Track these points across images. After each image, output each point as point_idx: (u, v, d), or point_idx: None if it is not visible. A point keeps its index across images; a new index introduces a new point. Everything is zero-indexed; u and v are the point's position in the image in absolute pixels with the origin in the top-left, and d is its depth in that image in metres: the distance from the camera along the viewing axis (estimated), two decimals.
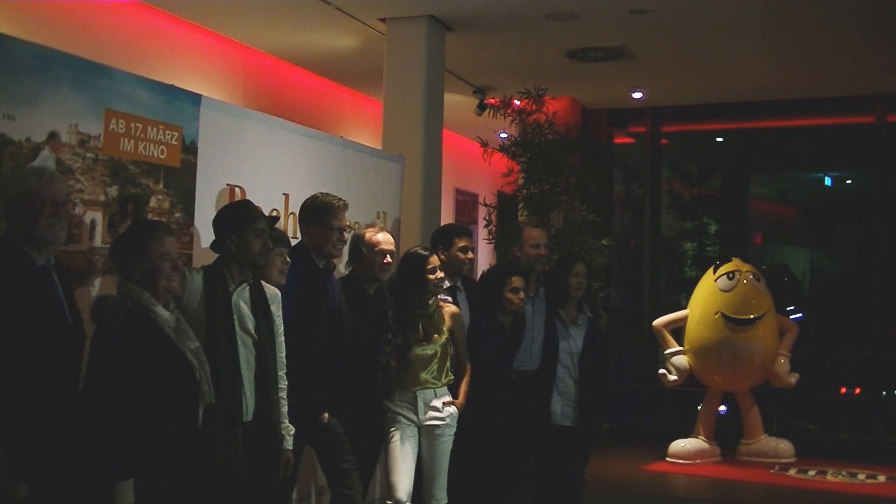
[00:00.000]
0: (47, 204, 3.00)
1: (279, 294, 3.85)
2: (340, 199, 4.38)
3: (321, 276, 4.31)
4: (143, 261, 3.20)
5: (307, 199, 4.39)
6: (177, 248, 3.35)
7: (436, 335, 4.53)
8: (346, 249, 4.56)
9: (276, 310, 3.79)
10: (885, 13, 6.73)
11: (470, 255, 5.09)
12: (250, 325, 3.62)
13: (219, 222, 3.75)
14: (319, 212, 4.29)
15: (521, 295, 4.94)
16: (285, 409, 3.79)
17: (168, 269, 3.23)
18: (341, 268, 4.74)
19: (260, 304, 3.69)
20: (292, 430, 3.81)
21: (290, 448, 3.79)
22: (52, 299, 2.99)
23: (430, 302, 4.57)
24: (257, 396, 3.61)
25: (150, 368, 3.09)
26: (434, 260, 4.57)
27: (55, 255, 3.14)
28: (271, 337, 3.72)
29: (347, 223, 4.41)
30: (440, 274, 4.58)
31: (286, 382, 3.81)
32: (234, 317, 3.59)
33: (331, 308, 4.33)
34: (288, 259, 4.04)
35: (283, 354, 3.82)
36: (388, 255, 4.47)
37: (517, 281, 4.94)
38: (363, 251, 4.44)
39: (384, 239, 4.49)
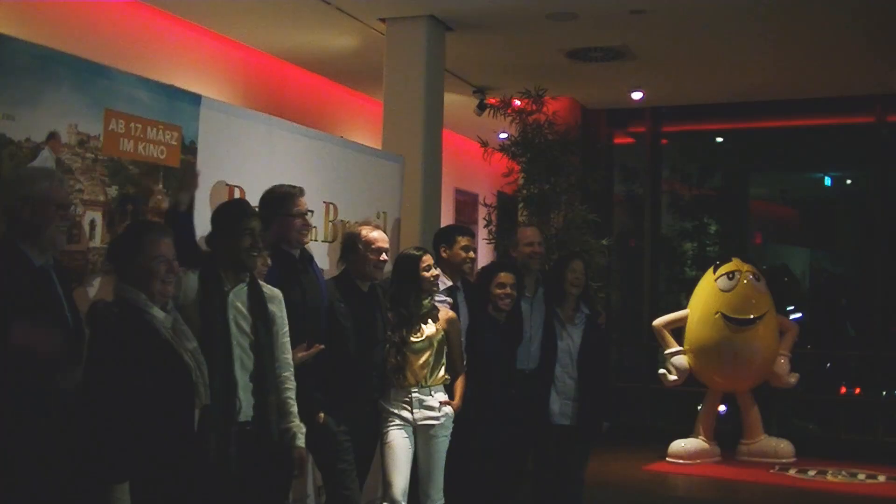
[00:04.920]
0: (56, 208, 3.00)
1: (279, 294, 3.84)
2: (294, 185, 4.36)
3: (297, 265, 4.29)
4: (137, 262, 3.18)
5: (264, 193, 4.34)
6: (174, 250, 3.33)
7: (429, 329, 4.53)
8: (337, 245, 4.55)
9: (278, 310, 3.78)
10: (885, 13, 6.73)
11: (472, 254, 5.11)
12: (246, 325, 3.61)
13: (213, 220, 3.77)
14: (278, 202, 4.27)
15: (508, 290, 4.94)
16: (294, 409, 3.77)
17: (163, 271, 3.20)
18: (334, 267, 4.75)
19: (257, 304, 3.67)
20: (303, 428, 3.77)
21: (303, 446, 3.76)
22: (51, 299, 2.99)
23: (426, 302, 4.58)
24: (255, 398, 3.60)
25: (145, 370, 3.07)
26: (428, 258, 4.58)
27: (53, 255, 3.13)
28: (269, 338, 3.70)
29: (307, 207, 4.40)
30: (435, 272, 4.60)
31: (294, 383, 3.79)
32: (230, 317, 3.58)
33: (319, 300, 4.32)
34: (269, 261, 4.03)
35: (288, 355, 3.80)
36: (384, 253, 4.47)
37: (504, 277, 4.97)
38: (359, 248, 4.44)
39: (380, 236, 4.50)
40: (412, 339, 4.49)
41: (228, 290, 3.62)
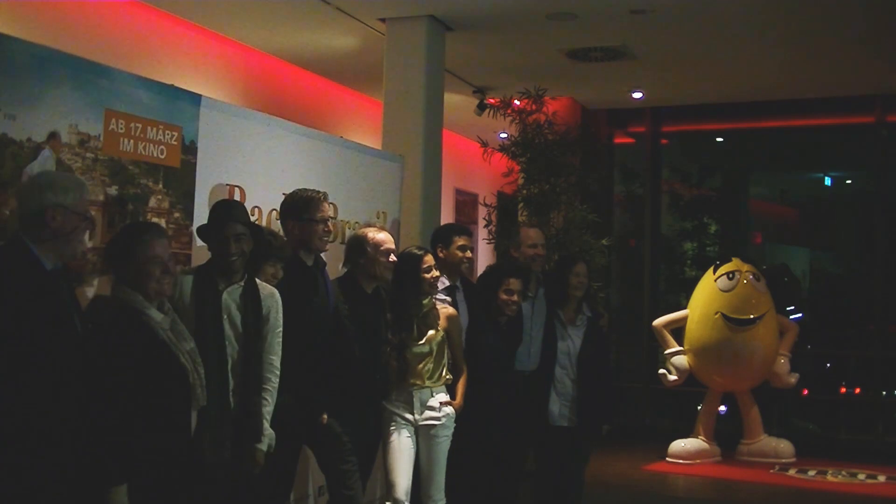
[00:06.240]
0: (83, 219, 3.01)
1: (276, 293, 3.83)
2: (318, 190, 4.34)
3: (310, 273, 4.30)
4: (133, 263, 3.19)
5: (286, 197, 4.35)
6: (169, 250, 3.32)
7: (429, 333, 4.52)
8: (336, 246, 4.54)
9: (273, 310, 3.77)
10: (885, 13, 6.74)
11: (468, 253, 5.07)
12: (239, 325, 3.62)
13: (208, 219, 3.77)
14: (302, 207, 4.26)
15: (515, 297, 4.91)
16: (266, 409, 3.71)
17: (157, 272, 3.20)
18: (338, 268, 4.74)
19: (251, 304, 3.67)
20: (272, 433, 3.71)
21: (262, 448, 3.67)
22: (61, 302, 2.98)
23: (426, 302, 4.57)
24: (242, 397, 3.60)
25: (143, 372, 3.08)
26: (429, 259, 4.56)
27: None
28: (259, 337, 3.69)
29: (330, 213, 4.39)
30: (436, 273, 4.58)
31: (274, 385, 3.75)
32: (224, 317, 3.58)
33: (327, 306, 4.33)
34: (280, 272, 4.03)
35: (275, 357, 3.76)
36: (391, 255, 4.47)
37: (514, 283, 4.91)
38: (367, 250, 4.42)
39: (387, 238, 4.49)
40: (413, 343, 4.48)
41: (222, 289, 3.62)
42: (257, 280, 3.80)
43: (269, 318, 3.75)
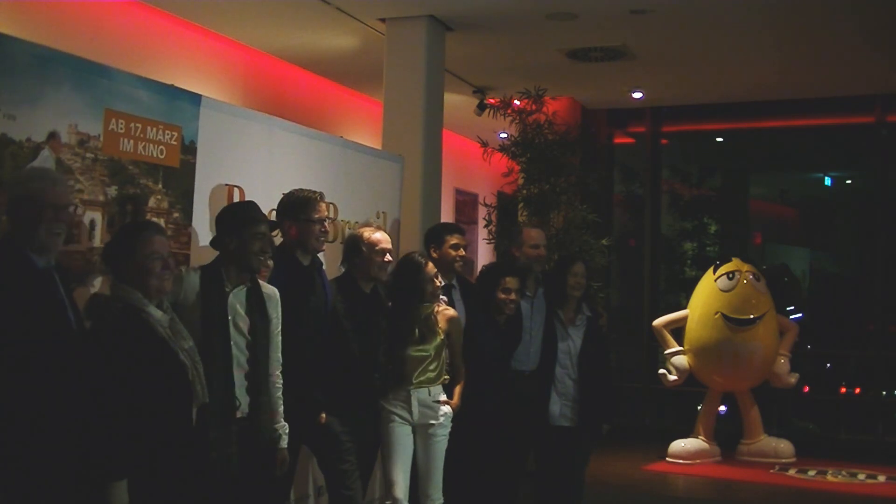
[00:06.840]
0: (48, 209, 2.95)
1: (276, 293, 3.85)
2: (315, 190, 4.35)
3: (307, 273, 4.30)
4: (132, 262, 3.19)
5: (283, 197, 4.35)
6: (168, 247, 3.34)
7: (430, 337, 4.52)
8: (336, 246, 4.54)
9: (274, 310, 3.80)
10: (885, 13, 6.73)
11: (461, 252, 5.06)
12: (244, 325, 3.64)
13: (221, 221, 3.77)
14: (299, 207, 4.26)
15: (513, 296, 4.92)
16: (281, 408, 3.80)
17: (158, 268, 3.21)
18: (334, 266, 4.74)
19: (256, 305, 3.70)
20: (287, 428, 3.80)
21: (286, 447, 3.79)
22: (54, 301, 2.97)
23: (426, 306, 4.56)
24: (249, 396, 3.62)
25: (142, 368, 3.08)
26: (430, 269, 4.56)
27: (54, 257, 3.12)
28: (266, 338, 3.72)
29: (327, 213, 4.40)
30: (437, 282, 4.58)
31: (282, 381, 3.82)
32: (230, 317, 3.60)
33: (324, 306, 4.33)
34: (269, 264, 4.04)
35: (279, 353, 3.82)
36: (387, 254, 4.47)
37: (511, 282, 4.92)
38: (362, 250, 4.43)
39: (383, 238, 4.49)
40: (415, 350, 4.47)
41: (229, 290, 3.64)
42: (259, 281, 3.81)
43: (273, 319, 3.80)
